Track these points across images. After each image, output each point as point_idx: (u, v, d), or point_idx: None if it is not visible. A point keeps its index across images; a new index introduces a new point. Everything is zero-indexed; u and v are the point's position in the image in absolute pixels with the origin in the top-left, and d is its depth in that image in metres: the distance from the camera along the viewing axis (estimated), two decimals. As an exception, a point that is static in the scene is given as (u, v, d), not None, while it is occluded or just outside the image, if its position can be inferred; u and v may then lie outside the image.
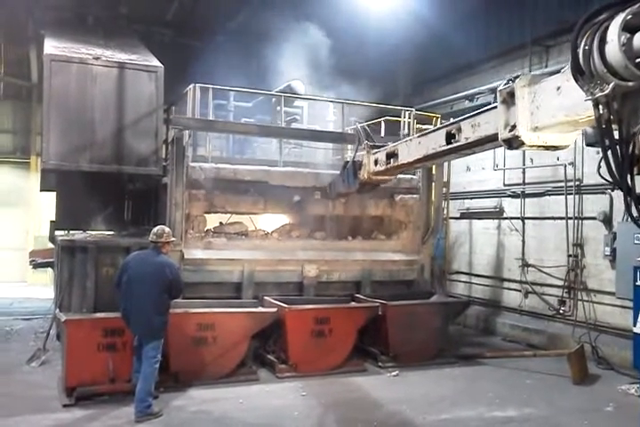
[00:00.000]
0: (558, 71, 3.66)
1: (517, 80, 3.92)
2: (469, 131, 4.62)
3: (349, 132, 11.88)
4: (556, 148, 4.07)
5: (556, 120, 3.67)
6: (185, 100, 9.46)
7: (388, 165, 6.32)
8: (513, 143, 4.01)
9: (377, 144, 6.88)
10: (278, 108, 10.72)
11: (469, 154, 5.15)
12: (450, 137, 4.90)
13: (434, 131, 5.33)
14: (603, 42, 2.93)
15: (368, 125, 12.29)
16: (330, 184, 8.19)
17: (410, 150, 5.79)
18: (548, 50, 10.76)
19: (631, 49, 2.86)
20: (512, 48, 11.61)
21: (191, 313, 7.38)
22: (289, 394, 7.12)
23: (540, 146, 3.98)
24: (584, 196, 9.83)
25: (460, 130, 4.74)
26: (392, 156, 6.23)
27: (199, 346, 7.29)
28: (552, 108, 3.68)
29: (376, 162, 6.66)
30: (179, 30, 14.56)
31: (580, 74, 3.12)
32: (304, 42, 12.50)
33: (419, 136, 5.65)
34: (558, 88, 3.59)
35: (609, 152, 3.12)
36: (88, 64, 8.21)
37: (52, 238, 10.26)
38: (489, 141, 4.40)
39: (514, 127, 3.93)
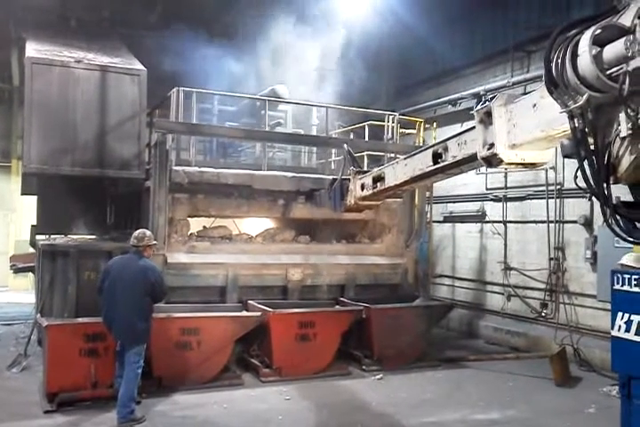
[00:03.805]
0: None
1: (494, 100, 4.03)
2: (456, 149, 4.67)
3: (334, 136, 11.94)
4: (533, 165, 4.18)
5: (533, 136, 3.77)
6: (168, 104, 9.42)
7: (375, 189, 6.33)
8: (492, 161, 4.11)
9: (363, 170, 6.94)
10: (263, 111, 10.70)
11: (457, 173, 5.14)
12: (436, 157, 4.94)
13: (420, 152, 5.34)
14: (574, 55, 3.02)
15: (352, 130, 12.38)
16: (317, 196, 8.21)
17: (396, 173, 5.79)
18: (529, 55, 10.88)
19: (602, 61, 2.95)
20: (494, 53, 11.72)
21: (174, 318, 7.35)
22: (273, 398, 7.11)
23: (518, 163, 4.09)
24: (565, 199, 9.95)
25: (446, 149, 4.80)
26: (379, 180, 6.25)
27: (183, 351, 7.25)
28: (529, 125, 3.78)
29: (362, 187, 6.68)
30: (162, 33, 14.51)
31: (554, 86, 3.20)
32: (288, 45, 12.55)
33: (405, 158, 5.67)
34: (534, 105, 3.70)
35: (585, 162, 3.20)
36: (70, 67, 8.16)
37: (34, 243, 10.15)
38: (476, 159, 4.47)
39: (492, 146, 4.04)
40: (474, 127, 4.38)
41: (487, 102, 4.14)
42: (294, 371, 7.83)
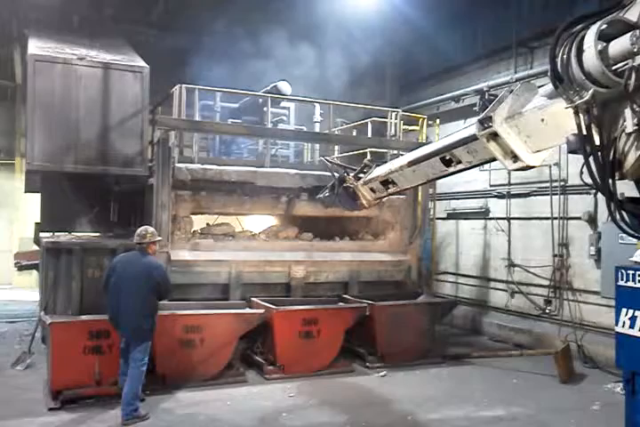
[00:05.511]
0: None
1: (494, 122, 3.98)
2: (469, 156, 4.66)
3: (336, 133, 11.93)
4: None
5: (556, 143, 3.80)
6: (171, 101, 9.41)
7: (389, 190, 6.34)
8: (525, 169, 4.16)
9: (357, 171, 6.84)
10: (265, 108, 10.69)
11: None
12: (447, 162, 4.94)
13: (425, 159, 5.28)
14: (580, 50, 3.00)
15: (355, 127, 12.37)
16: (324, 200, 8.13)
17: (407, 178, 5.77)
18: (532, 51, 10.84)
19: (607, 56, 2.93)
20: (497, 49, 11.68)
21: (178, 315, 7.34)
22: (277, 395, 7.11)
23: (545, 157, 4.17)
24: (569, 196, 9.92)
25: (454, 155, 4.78)
26: (388, 182, 6.22)
27: (186, 348, 7.25)
28: (545, 137, 3.80)
29: (372, 190, 6.67)
30: (164, 31, 14.50)
31: (559, 82, 3.18)
32: (290, 42, 12.52)
33: (409, 165, 5.58)
34: (542, 120, 3.71)
35: (590, 158, 3.18)
36: (72, 64, 8.15)
37: (37, 240, 10.16)
38: (493, 161, 4.47)
39: (516, 157, 4.03)
40: (476, 138, 4.32)
41: (485, 125, 4.11)
42: (298, 368, 7.83)
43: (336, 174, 7.06)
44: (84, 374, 6.54)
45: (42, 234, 10.18)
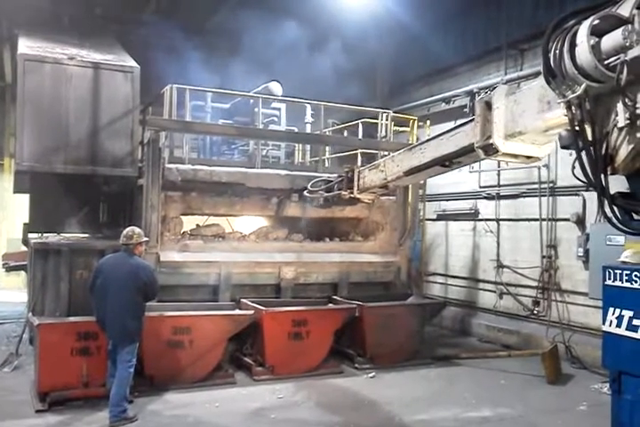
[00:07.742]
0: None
1: (498, 147, 4.05)
2: (470, 159, 4.86)
3: (328, 134, 11.93)
4: None
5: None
6: (161, 101, 9.39)
7: (390, 188, 6.53)
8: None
9: (345, 184, 6.91)
10: (256, 109, 10.68)
11: None
12: (447, 164, 5.01)
13: (423, 169, 5.35)
14: (573, 45, 3.01)
15: (346, 128, 12.38)
16: (320, 205, 8.20)
17: (406, 181, 5.97)
18: (522, 53, 10.89)
19: (600, 51, 2.94)
20: (488, 51, 11.73)
21: (167, 316, 7.32)
22: (266, 397, 7.10)
23: None
24: (557, 197, 9.99)
25: (453, 160, 4.85)
26: (387, 185, 6.32)
27: (175, 349, 7.23)
28: (550, 136, 4.00)
29: (372, 192, 6.81)
30: (155, 30, 14.45)
31: (552, 77, 3.20)
32: (281, 43, 12.51)
33: (407, 174, 5.63)
34: (544, 131, 3.83)
35: (583, 153, 3.20)
36: (63, 64, 8.11)
37: (26, 241, 10.10)
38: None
39: (528, 156, 4.25)
40: (473, 150, 4.39)
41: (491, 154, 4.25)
42: (287, 369, 7.83)
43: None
44: (71, 375, 6.50)
45: (30, 235, 10.13)
